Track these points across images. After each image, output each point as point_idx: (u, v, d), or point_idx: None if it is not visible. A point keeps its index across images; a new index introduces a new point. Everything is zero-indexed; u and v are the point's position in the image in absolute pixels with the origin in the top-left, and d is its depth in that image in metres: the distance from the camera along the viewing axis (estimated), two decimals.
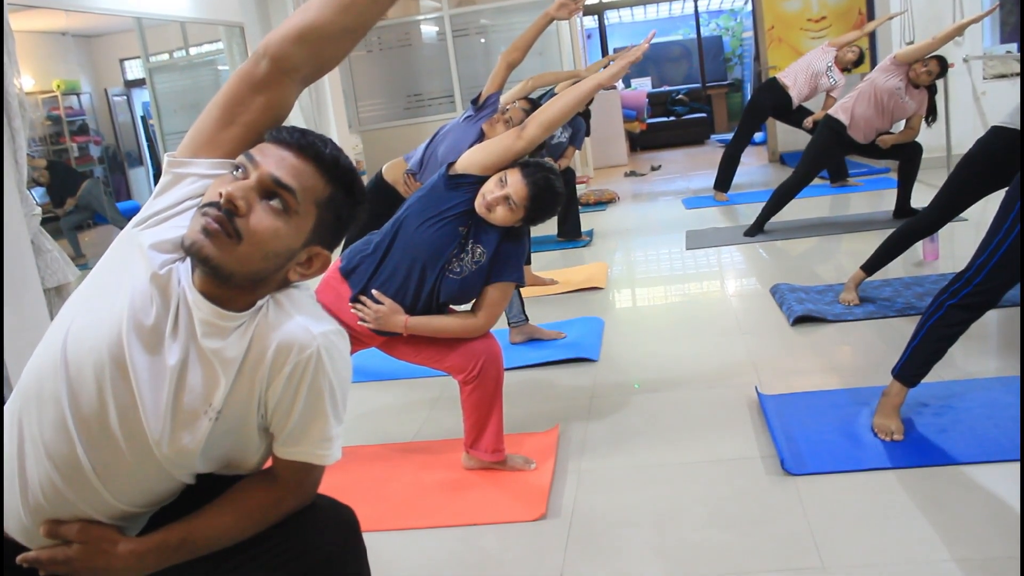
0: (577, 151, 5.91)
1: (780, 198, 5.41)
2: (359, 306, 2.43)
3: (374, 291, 2.43)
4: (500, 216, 2.37)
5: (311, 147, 1.20)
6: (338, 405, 1.27)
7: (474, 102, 3.69)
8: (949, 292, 2.44)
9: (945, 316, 2.43)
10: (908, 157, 5.35)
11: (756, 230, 5.48)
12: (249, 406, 1.23)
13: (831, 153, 5.44)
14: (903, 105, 5.12)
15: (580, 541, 2.21)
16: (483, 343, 2.52)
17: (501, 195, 2.35)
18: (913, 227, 3.70)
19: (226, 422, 1.22)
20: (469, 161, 2.42)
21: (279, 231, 1.18)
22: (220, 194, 1.15)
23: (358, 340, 2.50)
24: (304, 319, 1.23)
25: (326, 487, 1.37)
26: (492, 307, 2.50)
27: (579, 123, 5.50)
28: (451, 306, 2.58)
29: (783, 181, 5.46)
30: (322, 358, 1.22)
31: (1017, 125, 3.07)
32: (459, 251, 2.43)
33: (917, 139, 5.30)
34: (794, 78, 6.44)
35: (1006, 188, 2.45)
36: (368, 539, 2.35)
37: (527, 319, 3.81)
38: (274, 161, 1.18)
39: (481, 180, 2.40)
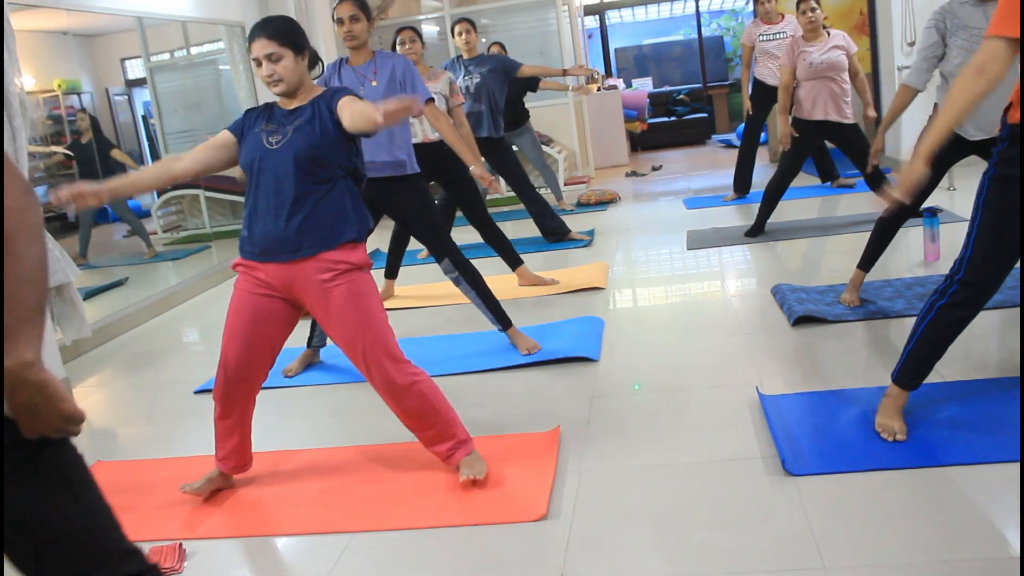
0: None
1: (771, 196, 5.42)
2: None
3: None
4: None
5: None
6: None
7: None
8: (938, 292, 2.45)
9: (936, 318, 2.44)
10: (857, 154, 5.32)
11: (757, 231, 5.48)
12: None
13: (802, 144, 5.37)
14: (808, 60, 5.17)
15: (581, 541, 2.21)
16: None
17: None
18: (897, 214, 3.68)
19: None
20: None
21: None
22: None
23: None
24: None
25: (328, 488, 1.37)
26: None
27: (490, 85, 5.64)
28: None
29: (769, 180, 5.46)
30: None
31: (969, 136, 3.28)
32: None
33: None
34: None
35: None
36: (369, 539, 2.36)
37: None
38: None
39: None
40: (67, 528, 1.29)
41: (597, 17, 13.60)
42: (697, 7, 13.66)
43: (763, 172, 8.58)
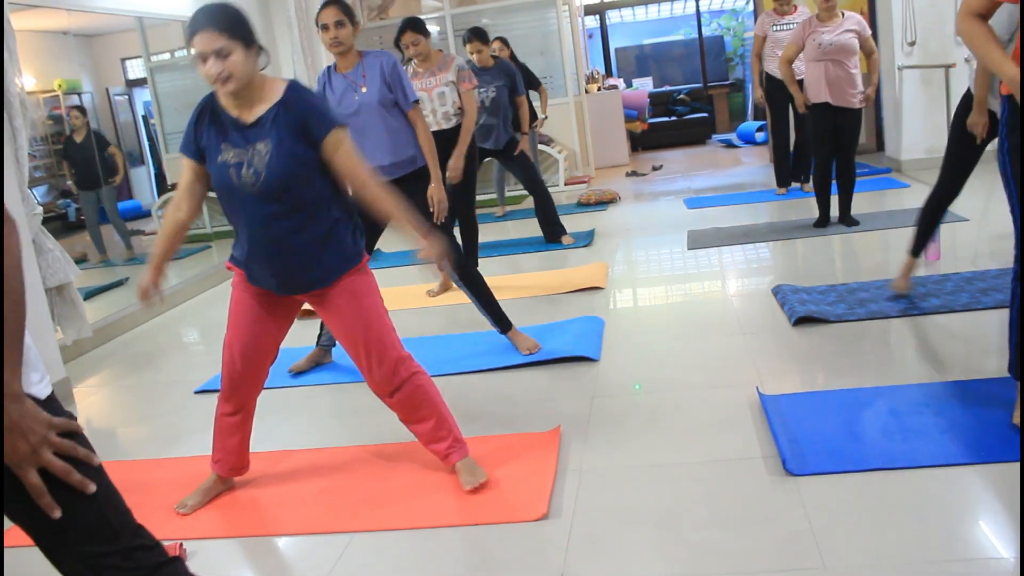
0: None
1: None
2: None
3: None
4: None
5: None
6: None
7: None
8: (1014, 276, 2.47)
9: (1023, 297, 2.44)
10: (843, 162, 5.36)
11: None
12: None
13: (821, 131, 5.36)
14: (816, 39, 5.19)
15: (581, 541, 2.21)
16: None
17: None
18: (936, 197, 3.73)
19: None
20: None
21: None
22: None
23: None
24: None
25: (328, 487, 1.37)
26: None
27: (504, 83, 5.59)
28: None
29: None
30: None
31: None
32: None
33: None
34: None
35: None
36: (370, 539, 2.36)
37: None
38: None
39: None
40: (79, 503, 1.29)
41: (597, 17, 13.60)
42: (697, 7, 13.66)
43: (764, 173, 8.59)
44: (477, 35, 5.39)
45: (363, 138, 3.44)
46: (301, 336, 3.96)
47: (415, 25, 4.35)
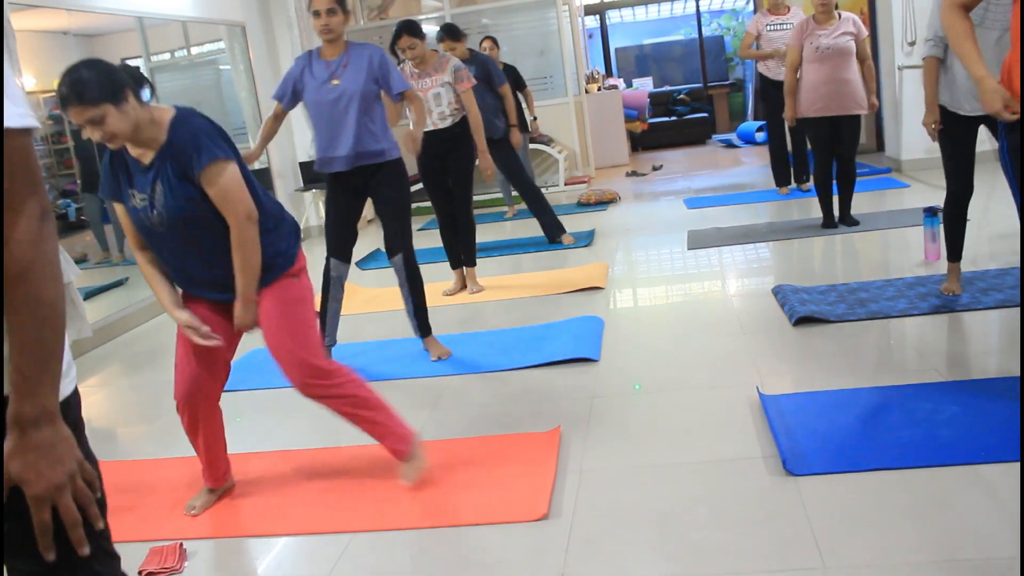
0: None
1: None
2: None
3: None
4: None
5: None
6: None
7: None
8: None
9: None
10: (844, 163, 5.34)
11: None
12: None
13: (820, 139, 5.32)
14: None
15: (582, 541, 2.21)
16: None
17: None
18: (953, 202, 3.73)
19: None
20: None
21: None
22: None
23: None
24: None
25: (328, 487, 1.36)
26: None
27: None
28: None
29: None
30: None
31: (956, 109, 3.52)
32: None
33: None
34: None
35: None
36: (371, 539, 2.36)
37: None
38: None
39: None
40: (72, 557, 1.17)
41: (597, 17, 13.60)
42: (697, 7, 13.66)
43: (764, 173, 8.59)
44: (449, 33, 5.29)
45: (333, 125, 3.54)
46: None
47: (411, 29, 4.33)
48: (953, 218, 3.77)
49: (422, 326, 3.83)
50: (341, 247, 3.73)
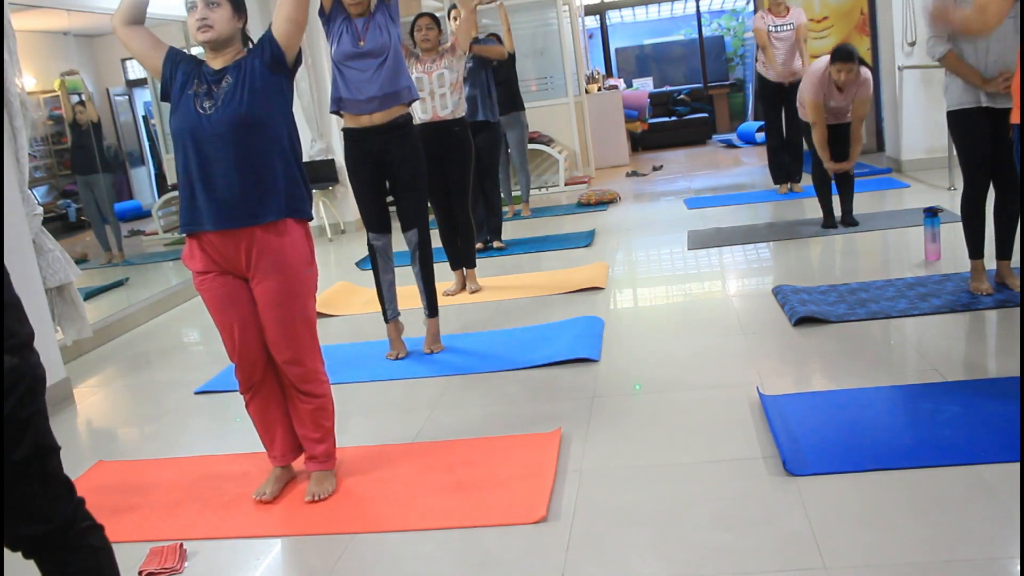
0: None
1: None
2: None
3: None
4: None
5: None
6: None
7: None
8: None
9: None
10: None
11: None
12: None
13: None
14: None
15: (581, 542, 2.21)
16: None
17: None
18: (971, 197, 3.74)
19: None
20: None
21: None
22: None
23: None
24: None
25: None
26: None
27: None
28: None
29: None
30: None
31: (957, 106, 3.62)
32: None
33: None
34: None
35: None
36: (371, 540, 2.36)
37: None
38: None
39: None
40: None
41: (597, 17, 13.59)
42: (698, 7, 13.66)
43: (764, 173, 8.58)
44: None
45: (365, 74, 3.58)
46: None
47: (433, 15, 4.60)
48: (972, 215, 3.77)
49: (430, 304, 3.93)
50: (376, 220, 3.79)
